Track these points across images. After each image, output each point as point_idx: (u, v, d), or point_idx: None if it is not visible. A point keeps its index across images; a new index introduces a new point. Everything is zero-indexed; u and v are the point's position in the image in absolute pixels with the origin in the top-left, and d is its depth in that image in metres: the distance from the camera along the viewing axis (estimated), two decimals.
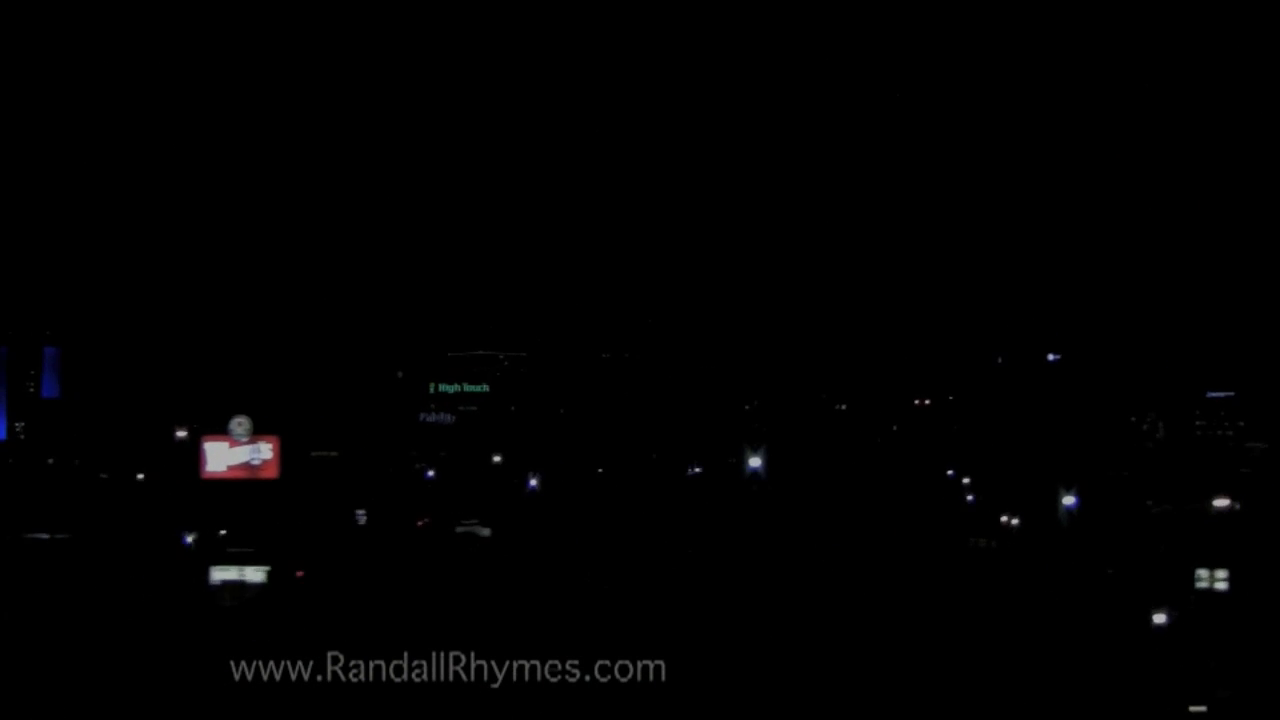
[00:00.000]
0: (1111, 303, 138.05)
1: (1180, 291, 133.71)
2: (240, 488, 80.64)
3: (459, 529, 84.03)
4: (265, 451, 74.32)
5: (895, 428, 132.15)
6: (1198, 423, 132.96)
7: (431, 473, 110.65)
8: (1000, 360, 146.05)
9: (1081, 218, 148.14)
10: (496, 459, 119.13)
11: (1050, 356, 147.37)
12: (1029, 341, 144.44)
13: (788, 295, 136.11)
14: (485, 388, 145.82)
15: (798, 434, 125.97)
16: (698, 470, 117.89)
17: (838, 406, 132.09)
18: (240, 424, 74.65)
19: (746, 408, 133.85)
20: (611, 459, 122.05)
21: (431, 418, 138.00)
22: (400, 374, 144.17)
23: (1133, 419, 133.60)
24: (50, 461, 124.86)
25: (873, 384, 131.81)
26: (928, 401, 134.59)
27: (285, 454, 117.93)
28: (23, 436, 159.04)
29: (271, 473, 74.15)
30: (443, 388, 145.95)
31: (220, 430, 75.28)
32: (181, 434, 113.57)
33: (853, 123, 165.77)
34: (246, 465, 74.01)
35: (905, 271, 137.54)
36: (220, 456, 74.32)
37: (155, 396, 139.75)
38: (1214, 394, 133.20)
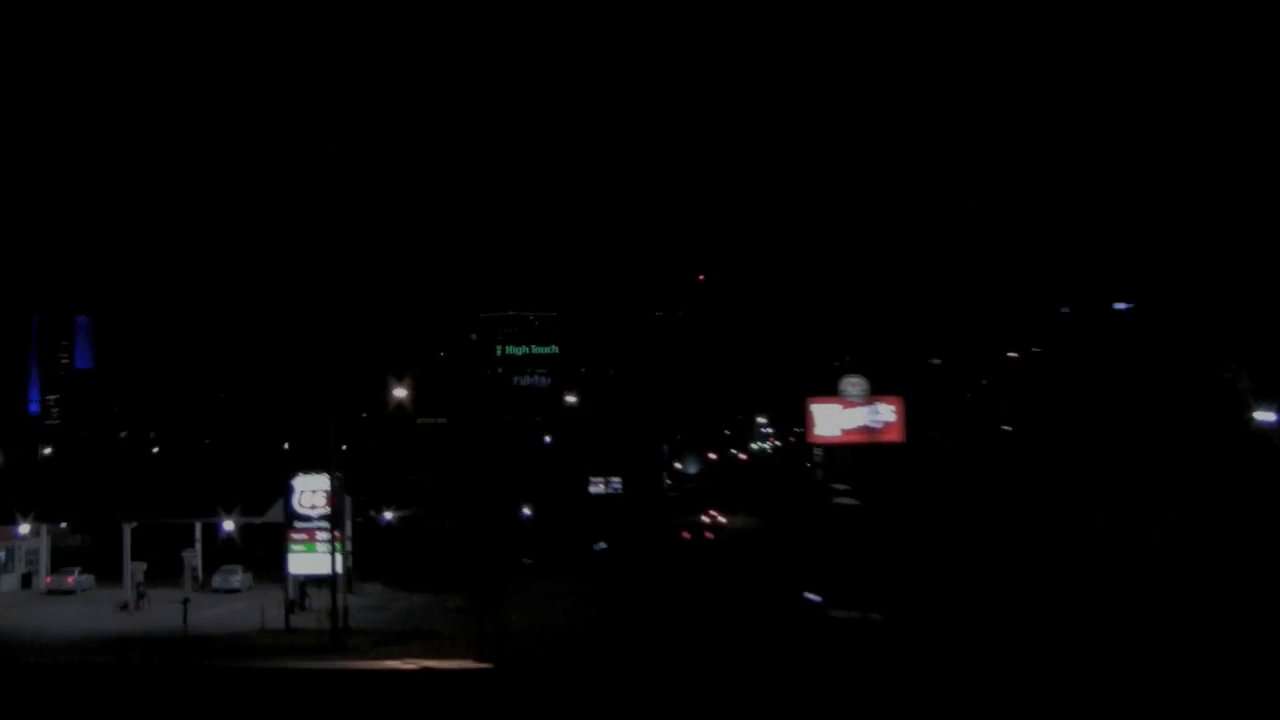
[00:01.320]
0: (1188, 248, 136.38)
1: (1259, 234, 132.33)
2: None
3: None
4: (887, 414, 66.67)
5: (985, 381, 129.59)
6: None
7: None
8: (1067, 310, 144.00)
9: (1152, 165, 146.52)
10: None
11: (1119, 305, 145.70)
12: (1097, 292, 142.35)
13: (872, 250, 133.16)
14: (554, 349, 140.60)
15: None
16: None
17: (931, 361, 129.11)
18: (855, 384, 67.05)
19: (836, 364, 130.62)
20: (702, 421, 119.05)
21: (526, 380, 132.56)
22: (474, 336, 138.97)
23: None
24: (124, 434, 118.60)
25: (964, 338, 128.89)
26: (1014, 354, 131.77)
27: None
28: (55, 410, 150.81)
29: (895, 436, 66.05)
30: (509, 349, 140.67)
31: None
32: None
33: (939, 88, 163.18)
34: (864, 429, 66.22)
35: (988, 225, 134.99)
36: (831, 419, 67.02)
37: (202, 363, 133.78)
38: None
